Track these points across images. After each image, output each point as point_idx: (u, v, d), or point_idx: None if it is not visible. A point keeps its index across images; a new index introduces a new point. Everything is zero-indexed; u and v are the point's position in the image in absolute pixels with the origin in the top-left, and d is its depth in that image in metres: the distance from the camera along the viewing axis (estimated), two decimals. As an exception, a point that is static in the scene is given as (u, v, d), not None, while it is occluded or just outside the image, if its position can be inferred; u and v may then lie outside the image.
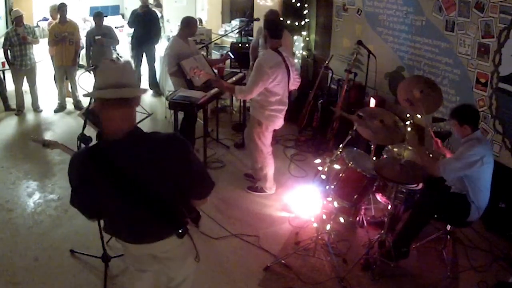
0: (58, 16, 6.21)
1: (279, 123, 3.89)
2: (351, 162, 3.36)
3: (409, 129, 3.40)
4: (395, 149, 3.63)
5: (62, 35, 6.05)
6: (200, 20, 7.76)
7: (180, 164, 1.71)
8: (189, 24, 4.66)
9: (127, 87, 1.62)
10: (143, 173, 1.66)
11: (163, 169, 1.68)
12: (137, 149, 1.66)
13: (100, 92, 1.61)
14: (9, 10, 9.80)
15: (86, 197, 1.75)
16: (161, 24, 8.01)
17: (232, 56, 5.65)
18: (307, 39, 6.23)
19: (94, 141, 1.86)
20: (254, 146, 3.96)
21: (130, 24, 7.05)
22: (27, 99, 6.39)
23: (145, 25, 6.83)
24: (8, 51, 5.95)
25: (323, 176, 3.32)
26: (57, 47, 6.13)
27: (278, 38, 3.68)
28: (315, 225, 3.33)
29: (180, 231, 1.81)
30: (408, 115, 3.88)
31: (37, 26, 11.49)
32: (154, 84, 7.32)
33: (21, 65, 6.00)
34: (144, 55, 7.03)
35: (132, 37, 7.10)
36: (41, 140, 2.67)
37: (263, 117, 3.79)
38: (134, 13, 6.93)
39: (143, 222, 1.77)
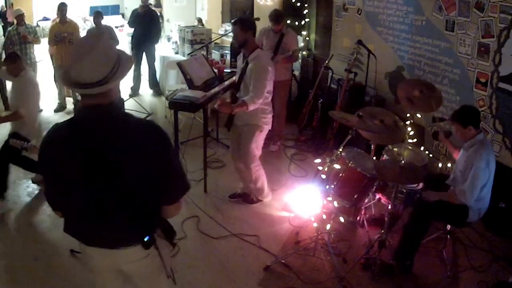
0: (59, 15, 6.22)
1: (271, 122, 3.78)
2: (351, 162, 3.36)
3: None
4: (395, 149, 3.64)
5: (61, 36, 6.04)
6: (200, 20, 7.76)
7: (158, 155, 1.60)
8: None
9: (101, 85, 1.53)
10: (117, 155, 1.55)
11: (139, 156, 1.56)
12: (114, 127, 1.58)
13: (78, 91, 1.58)
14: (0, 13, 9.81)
15: (54, 179, 1.64)
16: (161, 24, 8.02)
17: None
18: (307, 38, 6.23)
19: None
20: (248, 154, 3.70)
21: (130, 23, 7.06)
22: (27, 99, 6.38)
23: (145, 25, 6.82)
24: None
25: (323, 176, 3.32)
26: (57, 47, 6.13)
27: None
28: (315, 224, 3.33)
29: (146, 239, 1.66)
30: (408, 115, 3.89)
31: (37, 26, 11.52)
32: (154, 83, 7.33)
33: (21, 64, 5.99)
34: (144, 54, 7.03)
35: (132, 36, 7.10)
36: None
37: (264, 122, 3.65)
38: (134, 13, 6.93)
39: (108, 216, 1.62)
